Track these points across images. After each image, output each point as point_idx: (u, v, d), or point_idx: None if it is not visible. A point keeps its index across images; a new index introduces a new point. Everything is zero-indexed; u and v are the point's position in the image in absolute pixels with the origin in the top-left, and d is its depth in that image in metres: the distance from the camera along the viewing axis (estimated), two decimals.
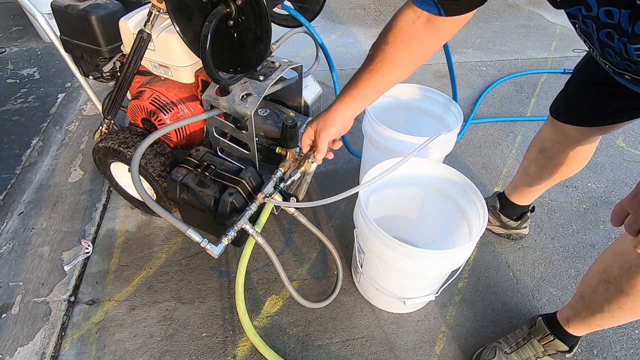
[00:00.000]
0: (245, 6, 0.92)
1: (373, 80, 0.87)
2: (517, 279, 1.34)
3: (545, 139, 1.15)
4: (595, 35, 0.62)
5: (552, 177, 1.20)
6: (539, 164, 1.20)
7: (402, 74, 0.88)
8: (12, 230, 1.43)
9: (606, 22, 0.58)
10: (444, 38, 0.84)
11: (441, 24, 0.80)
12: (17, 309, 1.21)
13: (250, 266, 1.33)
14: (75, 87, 2.18)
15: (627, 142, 1.92)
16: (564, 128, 1.07)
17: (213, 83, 1.14)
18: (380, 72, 0.85)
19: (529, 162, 1.24)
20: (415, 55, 0.86)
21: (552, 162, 1.16)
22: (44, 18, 1.15)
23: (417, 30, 0.81)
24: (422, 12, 0.79)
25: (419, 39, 0.82)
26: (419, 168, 1.18)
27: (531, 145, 1.23)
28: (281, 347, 1.14)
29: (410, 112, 1.52)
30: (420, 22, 0.81)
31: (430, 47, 0.85)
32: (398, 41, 0.82)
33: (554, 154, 1.15)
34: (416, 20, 0.81)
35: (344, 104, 0.92)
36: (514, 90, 2.27)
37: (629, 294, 0.77)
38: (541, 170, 1.21)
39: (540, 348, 1.02)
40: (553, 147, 1.14)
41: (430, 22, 0.80)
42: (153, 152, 1.25)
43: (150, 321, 1.19)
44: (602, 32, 0.60)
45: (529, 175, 1.25)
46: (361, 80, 0.88)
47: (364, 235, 1.03)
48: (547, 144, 1.15)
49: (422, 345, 1.16)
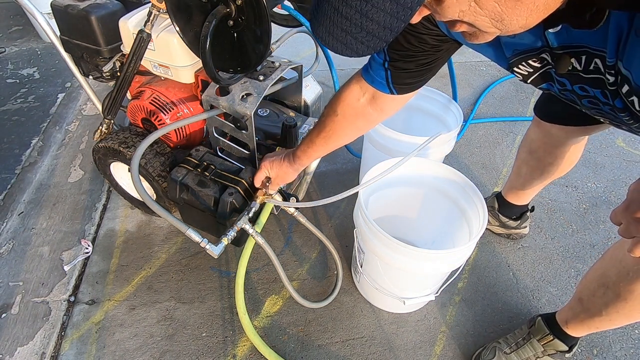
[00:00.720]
0: (245, 6, 0.92)
1: (326, 144, 0.97)
2: (517, 279, 1.34)
3: (533, 140, 1.17)
4: (579, 102, 0.65)
5: (543, 177, 1.21)
6: (529, 165, 1.21)
7: (349, 140, 0.98)
8: (12, 230, 1.43)
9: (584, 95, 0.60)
10: (387, 115, 0.91)
11: (386, 103, 0.86)
12: (17, 308, 1.21)
13: (250, 266, 1.33)
14: (75, 87, 2.18)
15: (627, 142, 1.92)
16: (549, 128, 1.08)
17: (213, 83, 1.14)
18: (332, 138, 0.95)
19: (520, 163, 1.26)
20: (361, 127, 0.95)
21: (541, 162, 1.18)
22: (44, 18, 1.14)
23: (362, 108, 0.89)
24: (368, 89, 0.85)
25: (364, 116, 0.90)
26: (419, 168, 1.18)
27: (520, 147, 1.24)
28: (281, 347, 1.14)
29: (410, 112, 1.52)
30: (365, 100, 0.88)
31: (374, 122, 0.94)
32: (345, 114, 0.90)
33: (542, 155, 1.16)
34: (361, 98, 0.87)
35: (300, 161, 1.02)
36: (514, 90, 2.27)
37: (627, 299, 0.77)
38: (532, 171, 1.22)
39: (540, 348, 1.02)
40: (540, 148, 1.15)
41: (374, 100, 0.86)
42: (153, 152, 1.25)
43: (150, 321, 1.19)
44: (584, 100, 0.62)
45: (522, 176, 1.26)
46: (316, 144, 0.97)
47: (364, 235, 1.03)
48: (534, 145, 1.17)
49: (422, 345, 1.16)
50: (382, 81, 0.80)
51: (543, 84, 0.67)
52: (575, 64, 0.55)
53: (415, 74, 0.78)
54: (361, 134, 0.99)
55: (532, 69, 0.64)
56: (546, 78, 0.65)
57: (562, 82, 0.62)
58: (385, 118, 0.94)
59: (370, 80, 0.83)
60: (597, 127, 0.99)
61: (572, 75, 0.58)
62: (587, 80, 0.56)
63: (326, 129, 0.93)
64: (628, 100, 0.52)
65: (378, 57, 0.78)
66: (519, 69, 0.65)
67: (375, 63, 0.79)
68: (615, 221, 0.58)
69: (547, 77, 0.64)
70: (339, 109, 0.90)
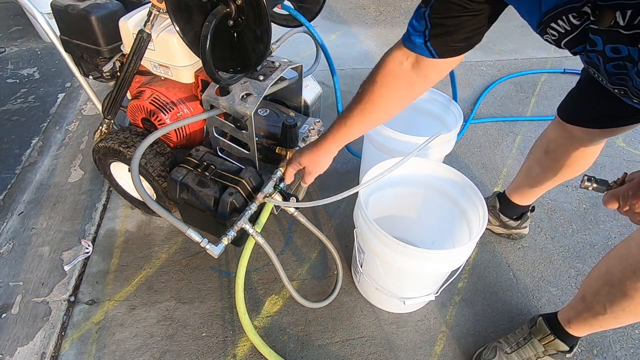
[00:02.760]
0: (245, 6, 0.92)
1: (362, 120, 0.89)
2: (517, 278, 1.34)
3: (551, 140, 1.15)
4: (602, 67, 0.62)
5: (555, 178, 1.20)
6: (543, 165, 1.20)
7: (389, 115, 0.90)
8: (12, 230, 1.43)
9: (613, 57, 0.57)
10: (431, 82, 0.85)
11: (430, 68, 0.80)
12: (17, 308, 1.21)
13: (250, 266, 1.33)
14: (75, 87, 2.18)
15: (627, 142, 1.92)
16: (571, 130, 1.06)
17: (213, 83, 1.14)
18: (369, 112, 0.87)
19: (532, 162, 1.24)
20: (403, 97, 0.87)
21: (557, 163, 1.16)
22: (44, 18, 1.14)
23: (405, 73, 0.82)
24: (411, 54, 0.80)
25: (406, 82, 0.84)
26: (419, 168, 1.18)
27: (535, 147, 1.22)
28: (281, 347, 1.14)
29: (410, 112, 1.52)
30: (408, 64, 0.82)
31: (417, 90, 0.86)
32: (386, 82, 0.84)
33: (559, 156, 1.14)
34: (404, 61, 0.82)
35: (333, 142, 0.95)
36: (514, 90, 2.26)
37: (633, 296, 0.77)
38: (545, 172, 1.20)
39: (541, 348, 1.02)
40: (558, 149, 1.13)
41: (417, 65, 0.81)
42: (153, 152, 1.25)
43: (150, 321, 1.19)
44: (609, 65, 0.60)
45: (532, 176, 1.25)
46: (351, 119, 0.89)
47: (364, 235, 1.03)
48: (552, 145, 1.15)
49: (422, 345, 1.16)
50: (423, 47, 0.76)
51: (577, 46, 0.62)
52: (619, 19, 0.52)
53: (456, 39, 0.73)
54: (402, 107, 0.91)
55: (570, 27, 0.59)
56: (580, 40, 0.60)
57: (593, 41, 0.58)
58: (429, 87, 0.87)
59: (412, 47, 0.78)
60: (620, 129, 0.98)
61: (610, 32, 0.54)
62: (626, 38, 0.53)
63: (363, 101, 0.86)
64: None
65: (418, 24, 0.74)
66: (557, 25, 0.59)
67: (416, 31, 0.75)
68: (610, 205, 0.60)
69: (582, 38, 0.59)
70: (378, 77, 0.84)
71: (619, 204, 0.63)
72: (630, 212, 0.61)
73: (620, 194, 0.62)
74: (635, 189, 0.59)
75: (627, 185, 0.62)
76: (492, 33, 0.76)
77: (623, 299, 0.79)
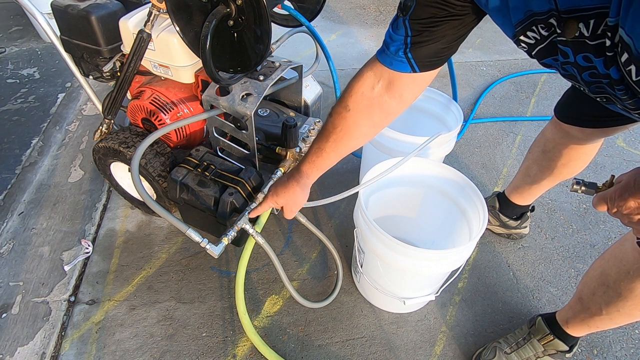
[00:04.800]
0: (245, 6, 0.92)
1: (336, 149, 0.85)
2: (517, 278, 1.34)
3: (548, 139, 1.15)
4: (580, 78, 0.63)
5: (553, 178, 1.20)
6: (540, 164, 1.20)
7: (363, 140, 0.86)
8: (12, 230, 1.43)
9: (586, 66, 0.58)
10: (405, 103, 0.82)
11: (404, 86, 0.77)
12: (17, 309, 1.21)
13: (250, 266, 1.33)
14: (75, 87, 2.18)
15: (627, 142, 1.92)
16: (568, 129, 1.06)
17: (213, 83, 1.14)
18: (344, 140, 0.83)
19: (530, 162, 1.24)
20: (377, 122, 0.84)
21: (554, 162, 1.16)
22: (44, 18, 1.14)
23: (379, 97, 0.79)
24: (384, 74, 0.77)
25: (380, 106, 0.80)
26: (419, 168, 1.18)
27: (533, 146, 1.23)
28: (281, 347, 1.14)
29: (410, 112, 1.52)
30: (381, 87, 0.78)
31: (392, 113, 0.83)
32: (359, 108, 0.80)
33: (556, 155, 1.15)
34: (376, 86, 0.78)
35: (309, 175, 0.91)
36: (514, 90, 2.27)
37: (628, 297, 0.77)
38: (543, 171, 1.21)
39: (540, 348, 1.02)
40: (555, 148, 1.14)
41: (391, 86, 0.77)
42: (153, 152, 1.25)
43: (150, 321, 1.19)
44: (585, 74, 0.61)
45: (530, 176, 1.25)
46: (325, 151, 0.86)
47: (364, 235, 1.03)
48: (549, 145, 1.15)
49: (422, 345, 1.16)
50: (402, 58, 0.73)
51: (548, 57, 0.63)
52: (583, 29, 0.53)
53: (437, 48, 0.71)
54: (377, 132, 0.88)
55: (539, 37, 0.60)
56: (551, 51, 0.61)
57: (565, 53, 0.59)
58: (404, 108, 0.83)
59: (389, 62, 0.74)
60: (616, 129, 0.98)
61: (577, 42, 0.55)
62: (592, 48, 0.54)
63: (337, 130, 0.83)
64: (626, 70, 0.50)
65: (397, 34, 0.72)
66: (526, 37, 0.61)
67: (394, 41, 0.73)
68: (599, 208, 0.60)
69: (552, 49, 0.61)
70: (350, 103, 0.80)
71: (607, 206, 0.63)
72: (618, 214, 0.62)
73: (608, 196, 0.62)
74: (621, 191, 0.60)
75: (615, 187, 0.62)
76: (492, 33, 0.77)
77: (618, 300, 0.80)
